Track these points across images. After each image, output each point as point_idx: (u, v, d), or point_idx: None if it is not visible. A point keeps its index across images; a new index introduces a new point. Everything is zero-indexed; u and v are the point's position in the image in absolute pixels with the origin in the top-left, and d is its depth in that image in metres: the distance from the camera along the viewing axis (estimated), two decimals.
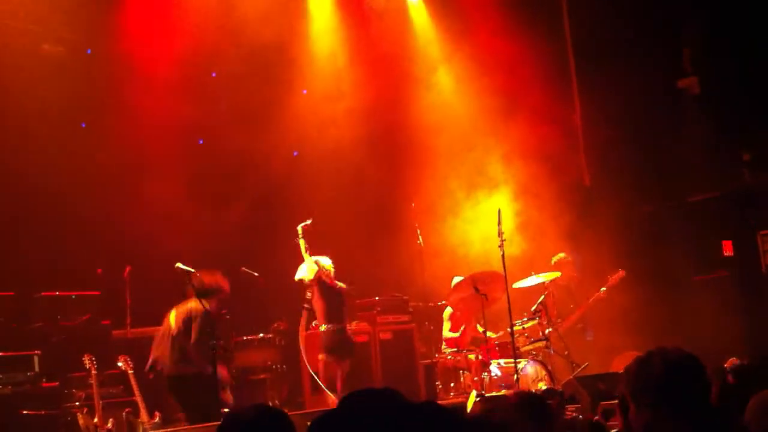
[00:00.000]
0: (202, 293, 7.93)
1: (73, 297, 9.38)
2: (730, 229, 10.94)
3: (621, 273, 10.22)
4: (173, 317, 7.99)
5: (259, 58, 11.51)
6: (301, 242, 9.28)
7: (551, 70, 12.05)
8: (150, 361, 8.00)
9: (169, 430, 7.30)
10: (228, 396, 7.99)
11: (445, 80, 12.47)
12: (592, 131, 12.03)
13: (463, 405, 8.12)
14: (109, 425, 7.93)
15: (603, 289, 10.22)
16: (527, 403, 4.63)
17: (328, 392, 8.99)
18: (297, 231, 9.32)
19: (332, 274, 9.31)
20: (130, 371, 8.14)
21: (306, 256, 9.25)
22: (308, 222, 9.36)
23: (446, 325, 10.15)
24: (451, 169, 11.77)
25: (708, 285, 10.69)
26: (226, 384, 8.08)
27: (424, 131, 12.00)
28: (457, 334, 9.86)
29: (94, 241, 10.28)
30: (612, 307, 10.28)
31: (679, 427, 2.62)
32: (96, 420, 7.89)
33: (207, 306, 7.83)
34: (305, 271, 9.33)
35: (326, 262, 9.35)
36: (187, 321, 7.90)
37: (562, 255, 10.54)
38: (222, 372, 7.94)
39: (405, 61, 12.52)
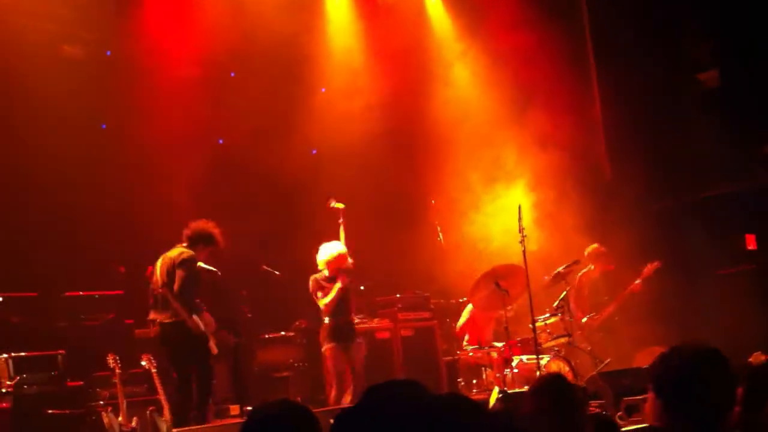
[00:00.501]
0: (191, 243, 7.92)
1: (96, 297, 9.45)
2: (753, 223, 10.84)
3: (656, 264, 10.01)
4: (158, 268, 7.84)
5: (277, 57, 11.55)
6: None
7: (570, 63, 11.98)
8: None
9: (192, 428, 7.33)
10: (212, 346, 7.88)
11: (463, 74, 12.44)
12: (612, 125, 11.96)
13: (486, 402, 8.10)
14: (133, 424, 7.98)
15: (638, 281, 10.07)
16: (549, 386, 4.56)
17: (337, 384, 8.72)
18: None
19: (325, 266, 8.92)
20: (154, 370, 8.19)
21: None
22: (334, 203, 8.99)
23: (462, 319, 10.06)
24: (470, 164, 11.74)
25: (731, 279, 10.60)
26: (211, 331, 7.97)
27: (443, 126, 11.97)
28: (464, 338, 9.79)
29: (116, 241, 10.35)
30: (640, 300, 10.19)
31: (688, 426, 2.61)
32: (120, 419, 7.94)
33: (193, 254, 7.77)
34: None
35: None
36: (170, 269, 7.78)
37: (595, 246, 10.37)
38: (208, 318, 7.92)
39: (422, 55, 12.51)
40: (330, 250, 8.92)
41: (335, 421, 1.39)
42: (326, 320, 8.89)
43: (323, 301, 8.84)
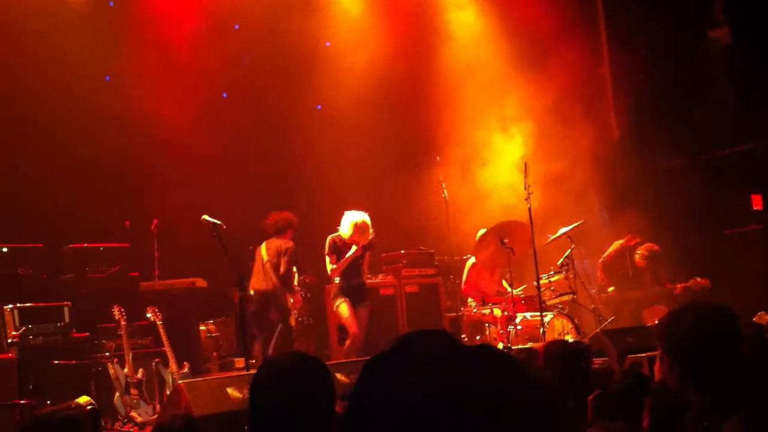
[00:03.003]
0: (278, 231, 9.18)
1: (101, 249, 9.44)
2: (761, 182, 10.78)
3: (706, 283, 9.60)
4: (264, 252, 9.11)
5: (280, 10, 11.42)
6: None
7: (578, 19, 11.84)
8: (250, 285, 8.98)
9: (198, 378, 7.39)
10: (292, 320, 9.18)
11: (470, 30, 12.32)
12: (620, 83, 11.84)
13: None
14: (139, 375, 8.05)
15: (679, 286, 9.75)
16: (560, 352, 4.63)
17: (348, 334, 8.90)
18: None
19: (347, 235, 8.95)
20: (159, 322, 8.23)
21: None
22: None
23: (464, 276, 10.08)
24: (476, 121, 11.68)
25: (739, 239, 10.57)
26: (295, 310, 9.22)
27: (448, 82, 11.89)
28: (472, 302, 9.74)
29: (121, 193, 10.34)
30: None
31: (709, 382, 2.58)
32: (126, 370, 8.00)
33: (294, 246, 9.11)
34: None
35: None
36: (277, 255, 9.04)
37: (651, 246, 10.09)
38: (296, 299, 9.20)
39: (427, 9, 12.36)
40: (354, 218, 8.91)
41: (365, 367, 1.36)
42: (336, 280, 9.01)
43: (331, 266, 8.94)
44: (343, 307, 8.94)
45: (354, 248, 8.85)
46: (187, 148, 10.51)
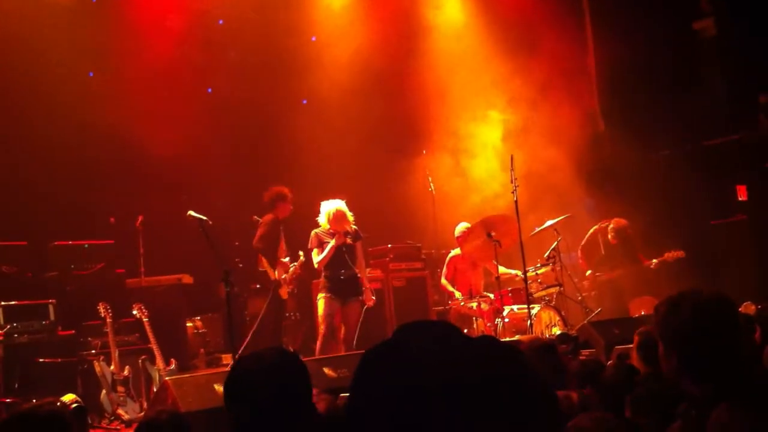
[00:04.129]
0: (269, 205, 9.51)
1: (86, 246, 9.37)
2: (746, 173, 10.83)
3: (680, 253, 9.87)
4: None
5: (266, 5, 11.37)
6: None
7: (564, 11, 11.84)
8: None
9: (185, 375, 7.34)
10: (284, 291, 9.45)
11: (455, 21, 12.30)
12: (606, 74, 11.86)
13: None
14: (126, 372, 8.00)
15: (654, 261, 9.99)
16: (539, 349, 4.66)
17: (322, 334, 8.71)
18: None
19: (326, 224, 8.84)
20: (145, 319, 8.19)
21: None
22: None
23: (444, 269, 10.05)
24: (462, 112, 11.67)
25: (725, 229, 10.62)
26: (281, 281, 9.41)
27: (434, 75, 11.87)
28: (458, 293, 9.71)
29: (106, 190, 10.26)
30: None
31: (708, 373, 2.55)
32: (112, 367, 7.96)
33: (275, 214, 9.44)
34: None
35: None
36: (257, 227, 9.45)
37: (622, 222, 10.40)
38: (280, 265, 9.39)
39: (413, 0, 12.35)
40: (328, 208, 8.84)
41: (361, 361, 1.34)
42: (323, 273, 8.88)
43: (317, 259, 8.83)
44: (320, 303, 8.81)
45: (332, 242, 8.76)
46: (172, 143, 10.42)
